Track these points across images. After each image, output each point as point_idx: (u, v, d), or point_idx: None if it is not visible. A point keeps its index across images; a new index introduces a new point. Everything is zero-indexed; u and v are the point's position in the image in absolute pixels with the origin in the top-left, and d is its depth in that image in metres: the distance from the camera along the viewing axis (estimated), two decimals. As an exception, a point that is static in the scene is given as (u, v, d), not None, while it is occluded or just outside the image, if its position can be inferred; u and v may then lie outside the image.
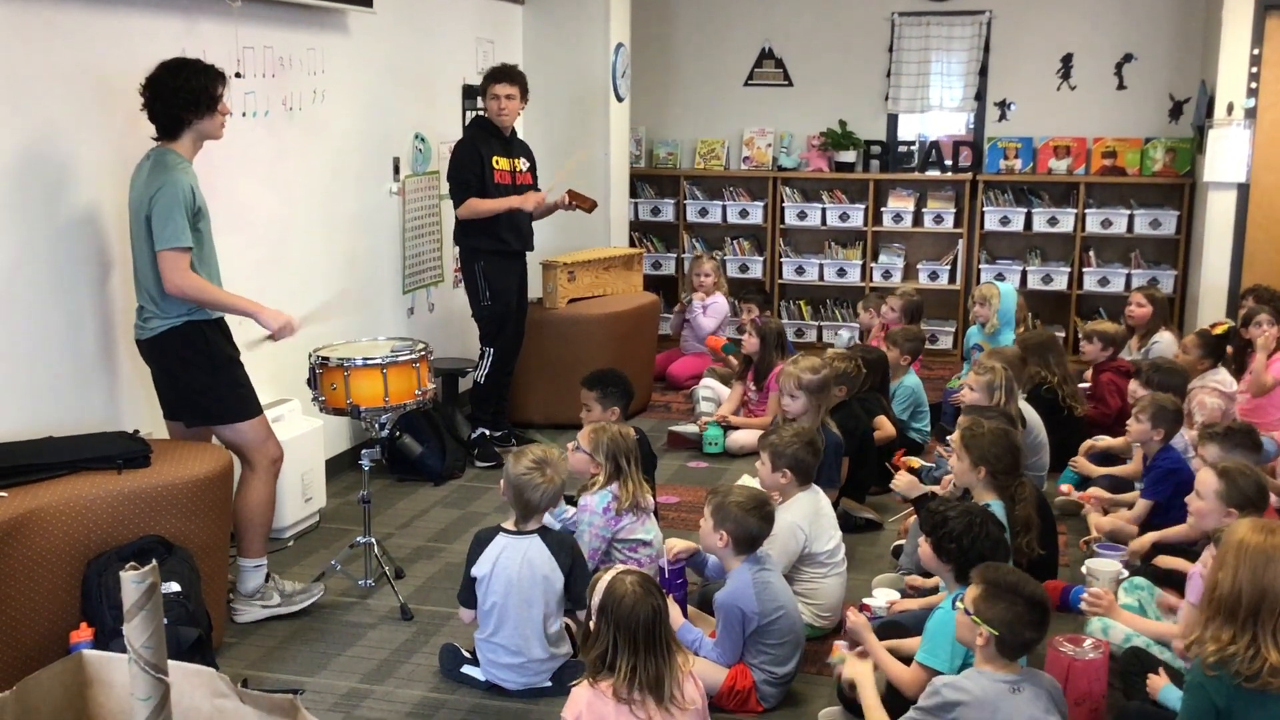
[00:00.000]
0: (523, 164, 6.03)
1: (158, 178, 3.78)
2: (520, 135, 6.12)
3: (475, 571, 3.67)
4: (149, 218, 3.77)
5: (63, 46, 3.97)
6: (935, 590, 3.91)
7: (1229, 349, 5.88)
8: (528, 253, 6.14)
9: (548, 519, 3.86)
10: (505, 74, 5.88)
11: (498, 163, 5.88)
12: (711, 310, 7.59)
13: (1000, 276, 8.21)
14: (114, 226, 4.17)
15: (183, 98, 3.83)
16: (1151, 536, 4.31)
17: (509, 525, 3.72)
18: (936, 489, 4.83)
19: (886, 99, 8.75)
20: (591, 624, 2.91)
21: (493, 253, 5.91)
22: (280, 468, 4.21)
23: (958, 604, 3.06)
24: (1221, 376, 5.60)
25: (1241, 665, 2.62)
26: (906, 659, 3.37)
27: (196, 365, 3.95)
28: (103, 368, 4.21)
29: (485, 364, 6.05)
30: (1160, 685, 3.19)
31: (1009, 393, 4.96)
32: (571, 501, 4.29)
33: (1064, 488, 5.20)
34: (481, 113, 6.03)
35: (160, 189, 3.75)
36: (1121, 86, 8.39)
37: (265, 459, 4.12)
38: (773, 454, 4.14)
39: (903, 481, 4.52)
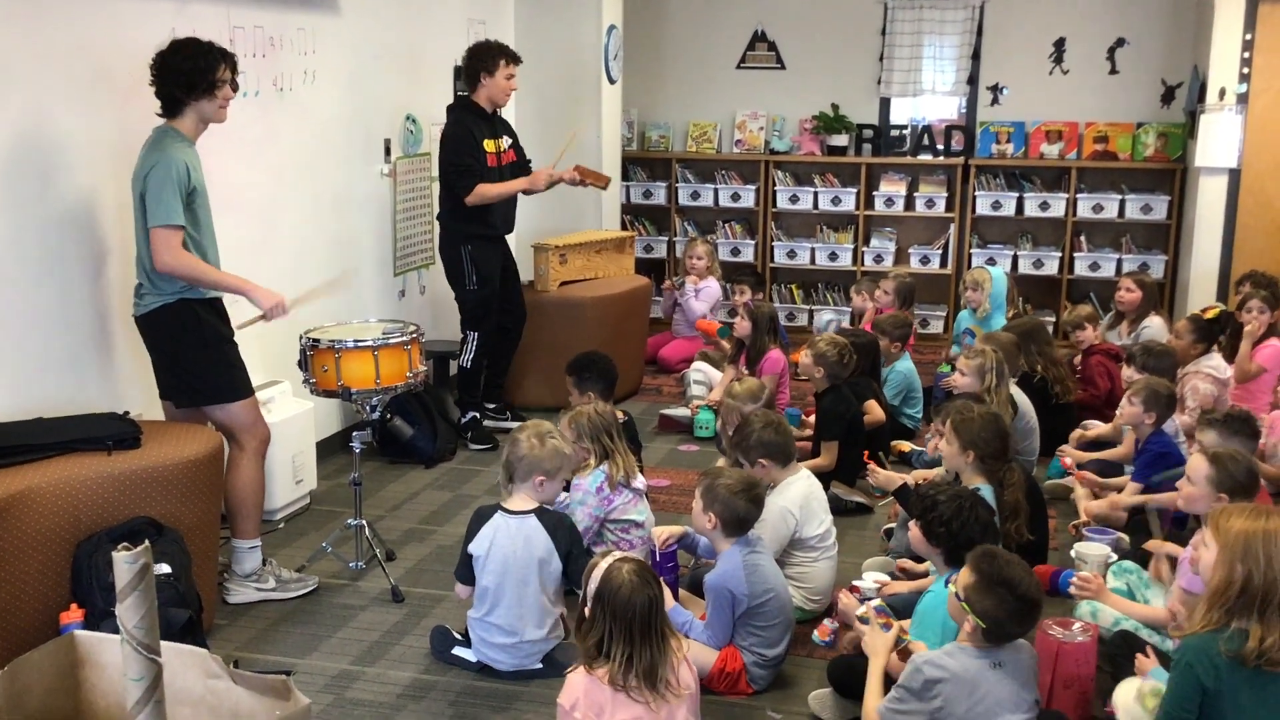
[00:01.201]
0: (505, 142, 6.00)
1: (152, 155, 3.80)
2: (512, 115, 6.09)
3: (472, 549, 3.66)
4: (143, 195, 3.78)
5: (54, 28, 3.94)
6: (925, 574, 3.93)
7: (1224, 334, 5.88)
8: (508, 235, 6.13)
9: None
10: (515, 55, 5.89)
11: (486, 145, 5.86)
12: (704, 294, 7.59)
13: (991, 261, 8.21)
14: (108, 208, 4.15)
15: (179, 77, 3.84)
16: (1138, 497, 4.34)
17: (508, 504, 3.72)
18: (926, 473, 4.85)
19: (879, 83, 8.74)
20: (587, 610, 2.90)
21: (480, 237, 5.89)
22: (268, 448, 4.21)
23: (951, 582, 3.07)
24: (1215, 362, 5.60)
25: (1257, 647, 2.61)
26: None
27: (188, 344, 3.96)
28: (94, 349, 4.19)
29: (470, 348, 6.01)
30: (1149, 667, 3.19)
31: (1000, 376, 4.97)
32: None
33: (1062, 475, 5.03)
34: (464, 93, 5.97)
35: (154, 167, 3.77)
36: (1114, 71, 8.39)
37: (254, 440, 4.12)
38: (744, 451, 4.14)
39: (880, 477, 4.54)
